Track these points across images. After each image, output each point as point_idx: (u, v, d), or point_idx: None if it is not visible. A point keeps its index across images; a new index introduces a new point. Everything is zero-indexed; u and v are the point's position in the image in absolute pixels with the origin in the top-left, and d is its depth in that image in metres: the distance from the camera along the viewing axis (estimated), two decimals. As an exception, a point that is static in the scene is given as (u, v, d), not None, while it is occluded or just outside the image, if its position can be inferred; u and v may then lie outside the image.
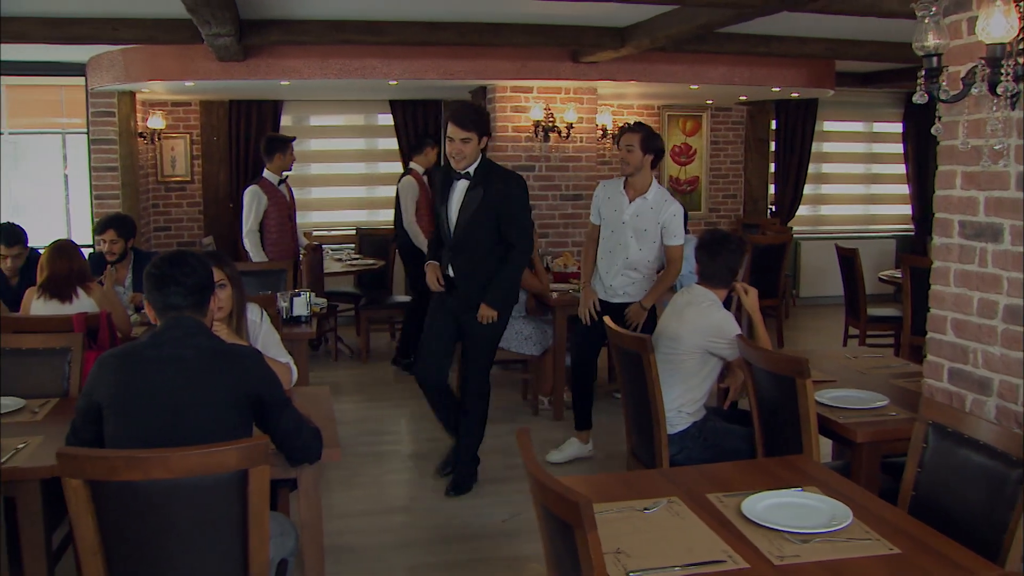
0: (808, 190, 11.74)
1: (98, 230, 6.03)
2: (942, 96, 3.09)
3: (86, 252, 5.57)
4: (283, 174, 7.37)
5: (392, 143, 10.48)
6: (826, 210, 12.21)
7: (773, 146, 11.60)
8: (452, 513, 4.89)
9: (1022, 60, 2.72)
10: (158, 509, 2.57)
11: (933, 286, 3.46)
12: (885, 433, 3.52)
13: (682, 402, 4.12)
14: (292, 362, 4.00)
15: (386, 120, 10.47)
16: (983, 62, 2.75)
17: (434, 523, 4.82)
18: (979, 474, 2.78)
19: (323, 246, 9.11)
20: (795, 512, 2.65)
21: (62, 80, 9.26)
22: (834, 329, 9.32)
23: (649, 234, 5.34)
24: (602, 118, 10.34)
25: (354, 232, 9.99)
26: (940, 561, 2.37)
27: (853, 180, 12.28)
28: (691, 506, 2.72)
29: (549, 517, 2.33)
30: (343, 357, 8.64)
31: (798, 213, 11.72)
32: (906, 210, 12.28)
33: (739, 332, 4.06)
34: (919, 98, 3.12)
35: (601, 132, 10.39)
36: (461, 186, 4.91)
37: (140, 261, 6.15)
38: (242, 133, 10.21)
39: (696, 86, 8.70)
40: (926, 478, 2.96)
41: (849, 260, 7.89)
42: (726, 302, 4.33)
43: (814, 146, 11.63)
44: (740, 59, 8.41)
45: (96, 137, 8.86)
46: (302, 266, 7.73)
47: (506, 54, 7.92)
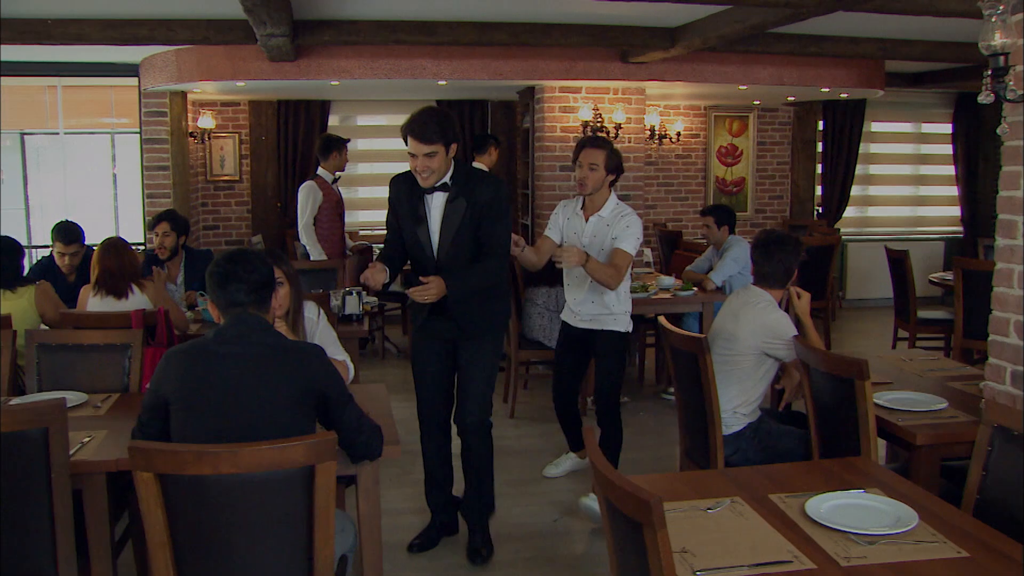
0: (855, 191, 11.67)
1: (152, 224, 6.13)
2: (1009, 96, 3.06)
3: (137, 250, 5.65)
4: (336, 174, 7.50)
5: (438, 143, 10.50)
6: (873, 212, 12.13)
7: (820, 147, 11.53)
8: (503, 513, 4.89)
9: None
10: (226, 503, 2.59)
11: (996, 288, 3.42)
12: (946, 436, 3.49)
13: (737, 403, 4.10)
14: (349, 359, 4.04)
15: (432, 120, 10.50)
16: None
17: (485, 522, 4.82)
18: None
19: (372, 246, 9.19)
20: (859, 514, 2.63)
21: (112, 81, 9.41)
22: (881, 332, 9.25)
23: (607, 254, 4.79)
24: (650, 119, 10.32)
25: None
26: (1010, 565, 2.35)
27: (901, 181, 12.20)
28: (754, 506, 2.72)
29: (617, 515, 2.33)
30: (390, 356, 8.69)
31: (845, 214, 11.63)
32: (955, 212, 12.15)
33: (796, 333, 4.04)
34: (985, 98, 3.09)
35: (649, 133, 10.37)
36: (438, 199, 4.16)
37: (192, 259, 6.24)
38: (290, 133, 10.33)
39: (744, 86, 8.67)
40: (991, 481, 2.93)
41: (899, 262, 7.81)
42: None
43: (861, 147, 11.55)
44: (789, 59, 8.37)
45: (148, 137, 8.99)
46: (348, 271, 7.81)
47: (555, 54, 7.94)
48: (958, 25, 6.50)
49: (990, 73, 3.05)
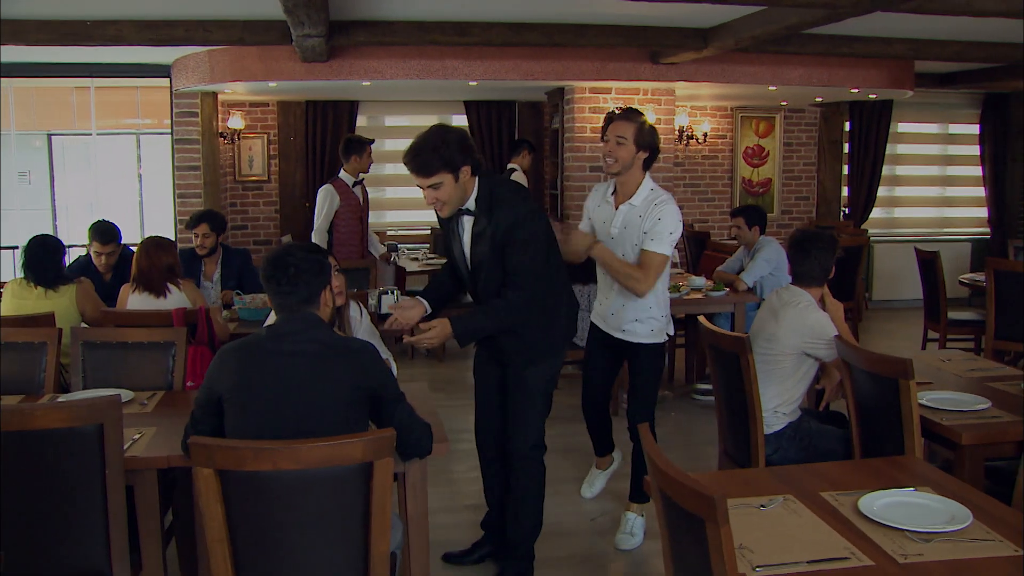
0: (882, 192, 11.63)
1: (191, 224, 6.18)
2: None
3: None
4: (359, 176, 7.46)
5: (465, 144, 10.54)
6: (900, 213, 12.10)
7: (847, 148, 11.50)
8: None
9: None
10: (284, 499, 2.63)
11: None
12: (991, 436, 3.51)
13: (778, 402, 4.11)
14: (392, 358, 4.07)
15: (460, 121, 10.58)
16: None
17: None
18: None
19: (398, 246, 9.24)
20: (913, 511, 2.64)
21: (139, 81, 9.50)
22: (908, 332, 9.23)
23: (640, 248, 4.32)
24: (679, 120, 10.34)
25: (428, 232, 10.09)
26: (1067, 563, 2.36)
27: (928, 183, 12.15)
28: (806, 503, 2.74)
29: (676, 511, 2.36)
30: (419, 355, 8.72)
31: (871, 216, 11.61)
32: (982, 213, 12.10)
33: (836, 333, 4.05)
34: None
35: (677, 134, 10.38)
36: (467, 222, 3.88)
37: (229, 257, 6.29)
38: (318, 133, 10.39)
39: (774, 87, 8.67)
40: (1042, 481, 2.94)
41: (930, 263, 7.79)
42: None
43: (888, 148, 11.51)
44: (819, 59, 8.36)
45: (180, 137, 9.07)
46: (379, 272, 7.85)
47: (586, 55, 7.96)
48: (991, 25, 6.49)
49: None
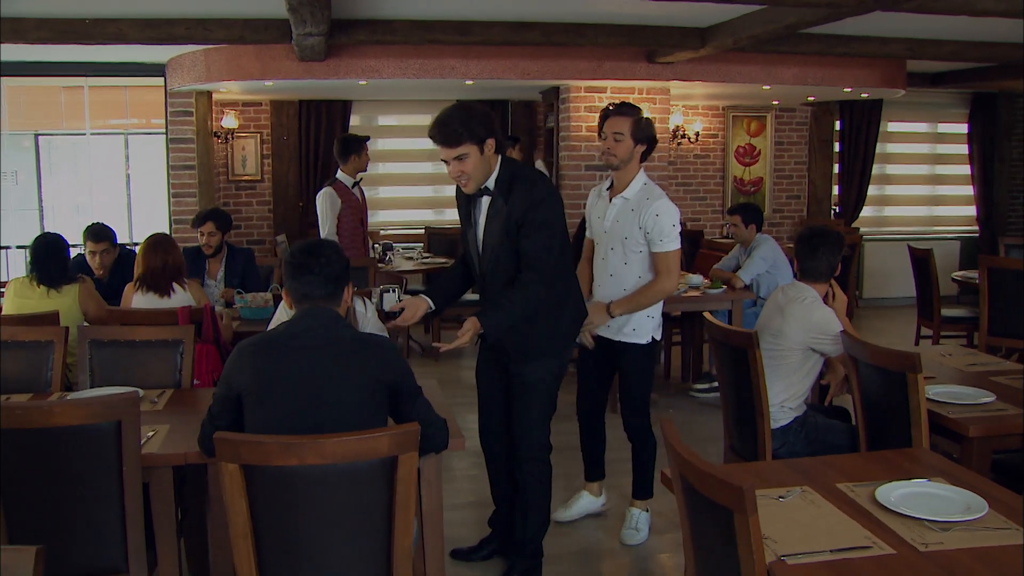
0: (872, 191, 11.73)
1: (197, 222, 6.18)
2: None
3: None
4: (358, 176, 7.39)
5: (459, 143, 10.57)
6: (890, 211, 12.18)
7: (837, 147, 11.59)
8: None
9: None
10: (308, 494, 2.63)
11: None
12: (998, 428, 3.56)
13: (784, 397, 4.15)
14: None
15: (453, 120, 10.57)
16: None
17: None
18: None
19: (393, 244, 9.25)
20: (930, 501, 2.68)
21: (127, 81, 9.48)
22: (900, 330, 9.29)
23: (632, 243, 4.31)
24: (674, 119, 10.39)
25: (423, 231, 10.11)
26: (1083, 551, 2.40)
27: (917, 181, 12.25)
28: (824, 495, 2.77)
29: (700, 503, 2.39)
30: (414, 355, 8.74)
31: (861, 214, 11.69)
32: (970, 211, 12.21)
33: (842, 329, 4.09)
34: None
35: (672, 133, 10.43)
36: (484, 203, 3.84)
37: (233, 256, 6.30)
38: (311, 133, 10.40)
39: (768, 87, 8.73)
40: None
41: (923, 261, 7.87)
42: None
43: (878, 147, 11.62)
44: (813, 59, 8.42)
45: (174, 136, 9.05)
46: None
47: (583, 54, 8.00)
48: (985, 24, 6.56)
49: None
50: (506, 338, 3.89)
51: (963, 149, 12.11)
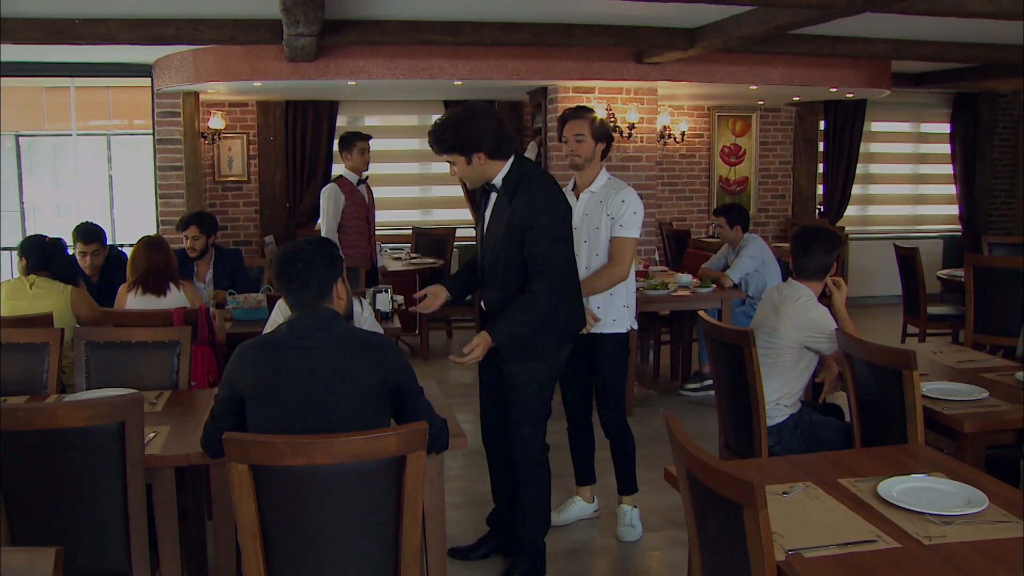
0: (856, 190, 11.81)
1: (181, 226, 6.17)
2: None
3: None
4: (363, 174, 7.39)
5: (446, 143, 10.57)
6: (874, 210, 12.27)
7: (821, 146, 11.67)
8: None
9: None
10: (317, 494, 2.64)
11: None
12: (992, 424, 3.62)
13: (780, 395, 4.19)
14: None
15: (440, 120, 10.59)
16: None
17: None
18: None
19: (380, 245, 9.23)
20: (931, 496, 2.72)
21: (110, 81, 9.44)
22: (885, 328, 9.34)
23: (602, 233, 4.48)
24: (661, 119, 10.44)
25: (410, 231, 10.11)
26: (1083, 542, 2.45)
27: (901, 180, 12.35)
28: (827, 490, 2.81)
29: (708, 498, 2.41)
30: (404, 354, 8.71)
31: (846, 213, 11.78)
32: (953, 210, 12.31)
33: (836, 327, 4.13)
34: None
35: (659, 133, 10.47)
36: (493, 199, 3.94)
37: (221, 258, 6.29)
38: (298, 133, 10.37)
39: (755, 87, 8.78)
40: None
41: (909, 259, 7.94)
42: None
43: (862, 146, 11.70)
44: (800, 59, 8.48)
45: (161, 137, 9.02)
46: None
47: (571, 54, 8.03)
48: (969, 26, 6.63)
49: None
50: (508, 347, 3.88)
51: (946, 148, 12.21)
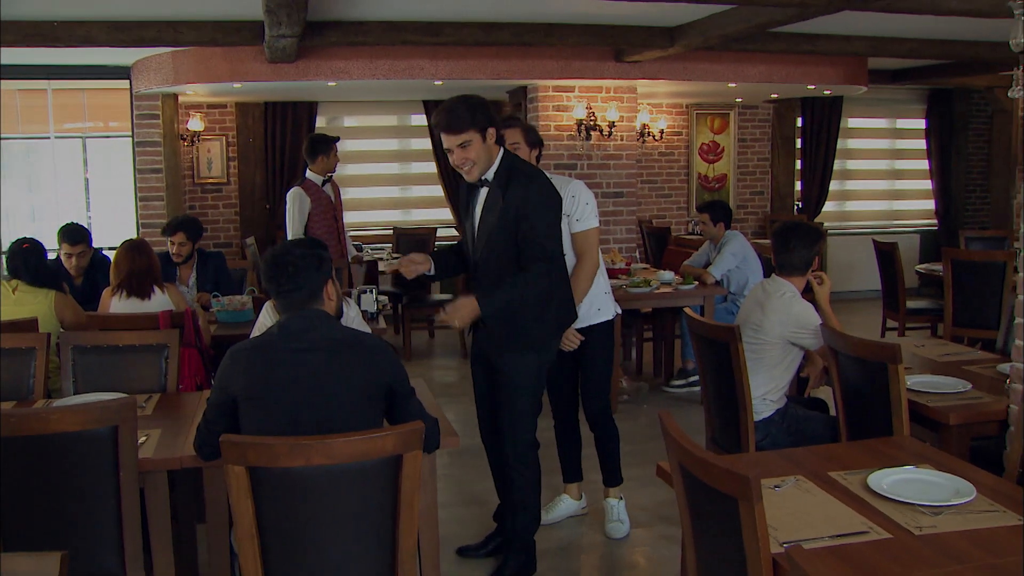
0: (833, 186, 11.90)
1: (168, 231, 6.15)
2: (1039, 90, 3.21)
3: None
4: (327, 175, 7.35)
5: (425, 143, 10.61)
6: (851, 206, 12.37)
7: (799, 143, 11.75)
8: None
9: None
10: (314, 494, 2.65)
11: (1020, 272, 3.58)
12: (976, 415, 3.68)
13: (766, 390, 4.23)
14: None
15: (419, 120, 10.63)
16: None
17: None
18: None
19: (364, 246, 9.25)
20: (920, 487, 2.77)
21: (86, 84, 9.39)
22: (863, 322, 9.40)
23: (572, 234, 4.42)
24: (641, 117, 10.49)
25: (391, 232, 10.11)
26: (1069, 529, 2.50)
27: (877, 176, 12.45)
28: (817, 483, 2.85)
29: (702, 492, 2.45)
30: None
31: (824, 209, 11.86)
32: (929, 205, 12.43)
33: (820, 322, 4.17)
34: (1017, 92, 3.25)
35: (639, 131, 10.52)
36: (483, 194, 3.94)
37: (204, 261, 6.28)
38: (277, 134, 10.34)
39: (734, 84, 8.84)
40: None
41: (888, 254, 8.01)
42: None
43: (839, 143, 11.79)
44: (778, 57, 8.55)
45: (141, 140, 8.99)
46: (352, 273, 7.84)
47: (551, 54, 8.06)
48: (944, 23, 6.70)
49: (1021, 69, 3.19)
50: (495, 327, 3.93)
51: (921, 144, 12.33)
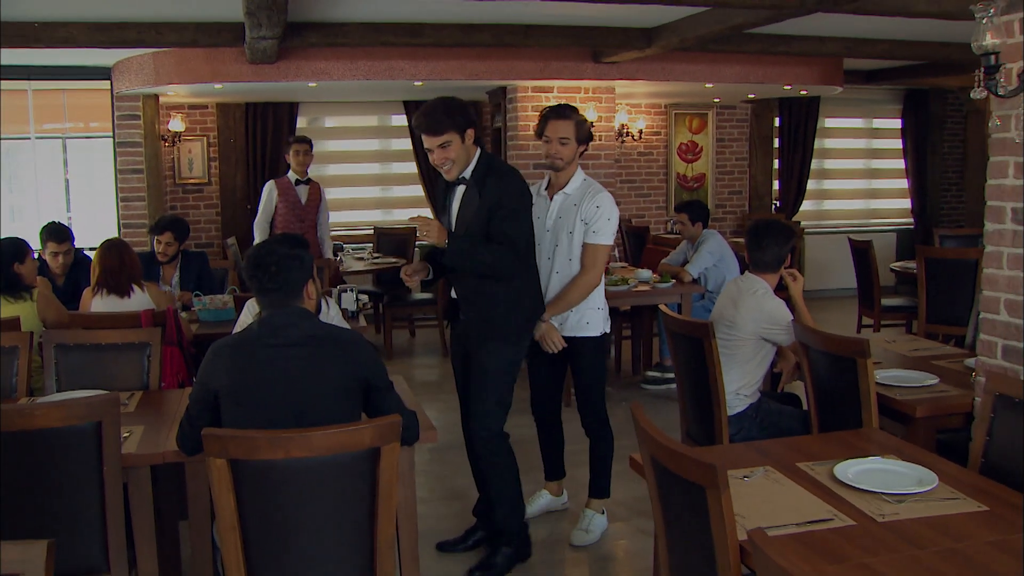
0: (811, 185, 12.03)
1: (156, 230, 6.20)
2: (1000, 91, 3.30)
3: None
4: (303, 175, 7.68)
5: (406, 143, 10.67)
6: (829, 205, 12.50)
7: (777, 143, 11.87)
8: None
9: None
10: (294, 487, 2.71)
11: (986, 269, 3.65)
12: (942, 408, 3.77)
13: (739, 385, 4.31)
14: None
15: (400, 121, 10.68)
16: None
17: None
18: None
19: (344, 245, 9.28)
20: (884, 476, 2.86)
21: (65, 84, 9.39)
22: (840, 320, 9.52)
23: (576, 237, 4.41)
24: (619, 117, 10.56)
25: (372, 231, 10.16)
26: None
27: (854, 175, 12.59)
28: (786, 474, 2.93)
29: (672, 483, 2.52)
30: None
31: (801, 208, 11.98)
32: (905, 204, 12.57)
33: (792, 319, 4.26)
34: (977, 93, 3.34)
35: (617, 132, 10.60)
36: (460, 192, 4.07)
37: (188, 261, 6.33)
38: (258, 135, 10.37)
39: (711, 84, 8.93)
40: (994, 445, 3.17)
41: (863, 252, 8.12)
42: None
43: (816, 142, 11.92)
44: (755, 58, 8.64)
45: (121, 140, 9.00)
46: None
47: (530, 55, 8.13)
48: (918, 25, 6.81)
49: (983, 71, 3.28)
50: (468, 313, 4.10)
51: (897, 143, 12.47)
